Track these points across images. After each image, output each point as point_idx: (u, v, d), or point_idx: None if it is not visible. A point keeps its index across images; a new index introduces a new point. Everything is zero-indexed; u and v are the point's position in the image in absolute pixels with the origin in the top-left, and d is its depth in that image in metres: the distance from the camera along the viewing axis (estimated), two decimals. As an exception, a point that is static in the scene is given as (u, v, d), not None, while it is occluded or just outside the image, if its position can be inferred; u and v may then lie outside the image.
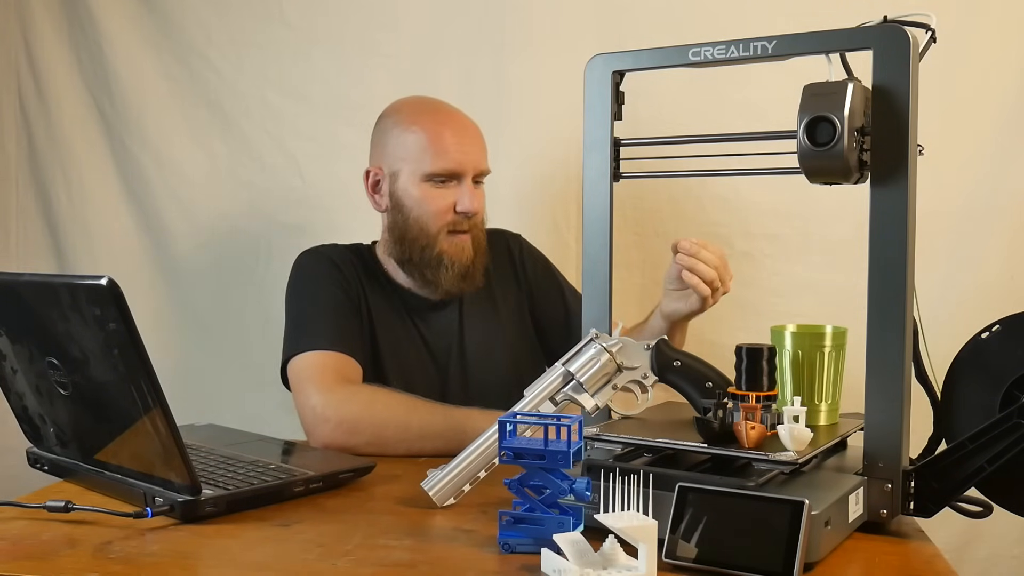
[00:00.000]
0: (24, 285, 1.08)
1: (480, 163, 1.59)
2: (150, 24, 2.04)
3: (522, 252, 1.74)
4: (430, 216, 1.56)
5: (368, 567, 0.90)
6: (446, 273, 1.57)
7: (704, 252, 1.40)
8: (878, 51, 0.96)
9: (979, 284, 1.71)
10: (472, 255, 1.59)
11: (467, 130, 1.59)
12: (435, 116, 1.59)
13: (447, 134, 1.56)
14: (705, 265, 1.39)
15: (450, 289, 1.59)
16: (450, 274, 1.57)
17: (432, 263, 1.57)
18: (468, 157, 1.56)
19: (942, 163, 1.59)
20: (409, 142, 1.57)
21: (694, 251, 1.39)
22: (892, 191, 0.96)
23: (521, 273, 1.72)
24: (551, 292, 1.72)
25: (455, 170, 1.55)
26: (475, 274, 1.60)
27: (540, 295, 1.72)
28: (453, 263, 1.57)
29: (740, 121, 1.31)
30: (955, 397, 1.03)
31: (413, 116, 1.59)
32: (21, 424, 1.26)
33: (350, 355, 1.49)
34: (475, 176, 1.58)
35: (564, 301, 1.71)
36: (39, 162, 2.10)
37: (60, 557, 0.93)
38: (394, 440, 1.36)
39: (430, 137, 1.56)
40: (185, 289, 2.06)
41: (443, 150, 1.55)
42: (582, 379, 1.07)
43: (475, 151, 1.58)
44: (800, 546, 0.83)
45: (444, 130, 1.57)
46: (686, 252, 1.40)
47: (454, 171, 1.55)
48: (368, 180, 1.63)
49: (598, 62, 1.15)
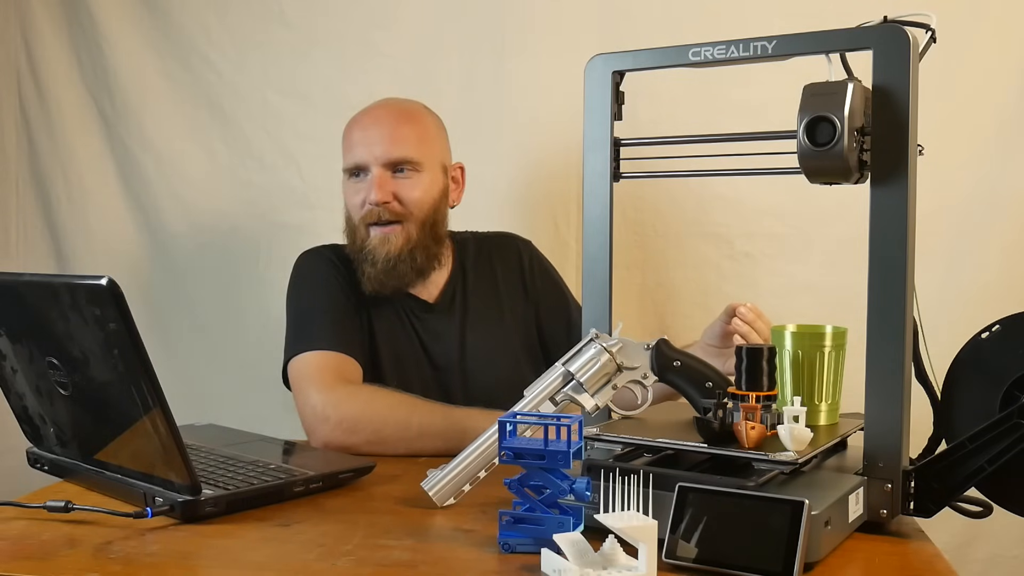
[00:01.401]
0: (24, 285, 1.08)
1: (390, 151, 1.55)
2: (150, 24, 2.04)
3: (532, 261, 1.71)
4: (350, 210, 1.60)
5: (368, 567, 0.90)
6: (370, 268, 1.55)
7: (760, 323, 1.37)
8: (878, 51, 0.96)
9: (979, 284, 1.71)
10: (397, 248, 1.55)
11: (378, 120, 1.58)
12: (359, 114, 1.62)
13: (355, 129, 1.59)
14: (759, 336, 1.36)
15: (377, 286, 1.55)
16: (374, 269, 1.55)
17: (360, 257, 1.57)
18: (371, 147, 1.55)
19: (942, 163, 1.59)
20: (343, 142, 1.62)
21: (752, 319, 1.37)
22: (892, 191, 0.96)
23: (530, 283, 1.69)
24: (557, 307, 1.69)
25: (358, 163, 1.57)
26: (401, 272, 1.56)
27: (545, 309, 1.69)
28: (376, 258, 1.55)
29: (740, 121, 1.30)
30: (955, 397, 1.03)
31: (351, 118, 1.63)
32: (21, 424, 1.26)
33: (350, 355, 1.49)
34: (388, 166, 1.55)
35: (568, 317, 1.67)
36: (39, 162, 2.10)
37: (60, 557, 0.93)
38: (394, 439, 1.36)
39: (346, 133, 1.61)
40: (185, 289, 2.07)
41: (349, 145, 1.59)
42: (582, 379, 1.07)
43: (383, 140, 1.56)
44: (800, 546, 0.83)
45: (354, 126, 1.60)
46: (744, 319, 1.37)
47: (357, 164, 1.57)
48: None
49: (598, 62, 1.15)
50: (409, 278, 1.58)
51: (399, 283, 1.57)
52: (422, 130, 1.60)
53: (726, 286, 1.84)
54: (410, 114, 1.61)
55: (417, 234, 1.57)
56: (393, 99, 1.64)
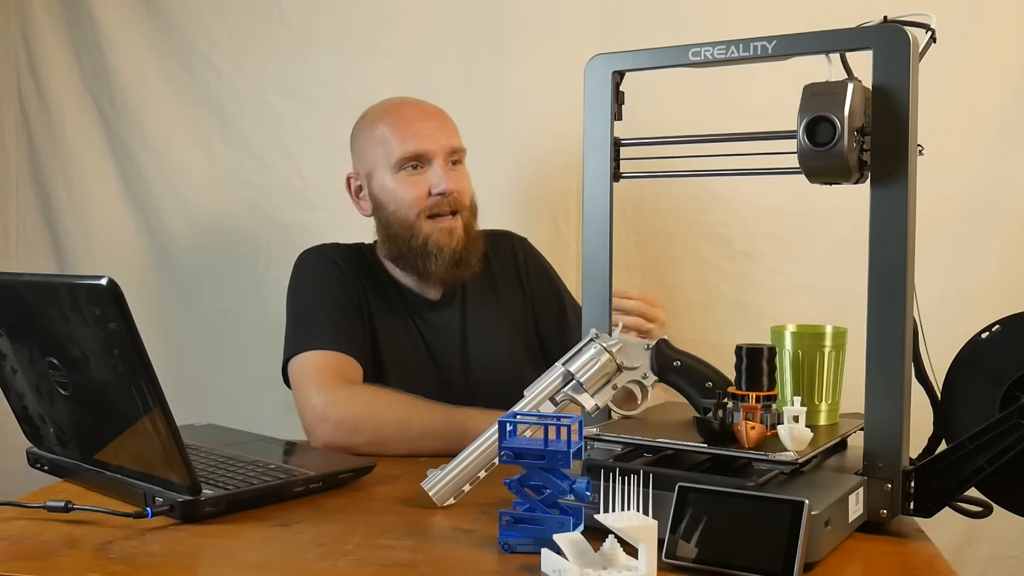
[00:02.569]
0: (24, 285, 1.08)
1: (449, 141, 1.57)
2: (150, 24, 2.04)
3: (527, 257, 1.72)
4: (407, 204, 1.55)
5: (368, 567, 0.90)
6: (436, 261, 1.54)
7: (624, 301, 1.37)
8: (878, 51, 0.96)
9: (979, 284, 1.71)
10: (463, 239, 1.55)
11: (429, 114, 1.58)
12: (396, 109, 1.60)
13: (408, 120, 1.57)
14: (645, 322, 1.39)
15: (445, 278, 1.56)
16: (440, 261, 1.54)
17: (420, 253, 1.55)
18: (433, 136, 1.55)
19: (942, 163, 1.59)
20: (376, 139, 1.58)
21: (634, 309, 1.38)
22: (892, 191, 0.96)
23: (525, 279, 1.70)
24: (552, 303, 1.70)
25: (422, 151, 1.54)
26: (469, 260, 1.56)
27: (541, 304, 1.70)
28: (441, 249, 1.54)
29: (740, 121, 1.31)
30: (955, 397, 1.03)
31: (377, 115, 1.61)
32: (21, 424, 1.26)
33: (350, 355, 1.49)
34: (449, 156, 1.56)
35: (563, 314, 1.69)
36: (39, 162, 2.10)
37: (60, 557, 0.93)
38: (394, 440, 1.36)
39: (393, 127, 1.57)
40: (185, 289, 2.06)
41: (407, 135, 1.55)
42: (582, 379, 1.07)
43: (440, 131, 1.56)
44: (800, 546, 0.83)
45: (405, 117, 1.58)
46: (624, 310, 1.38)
47: (421, 152, 1.54)
48: (351, 188, 1.64)
49: (598, 62, 1.15)
50: (472, 268, 1.58)
51: (465, 273, 1.57)
52: (454, 122, 1.62)
53: (726, 286, 1.84)
54: (440, 109, 1.62)
55: (472, 223, 1.59)
56: (409, 97, 1.65)
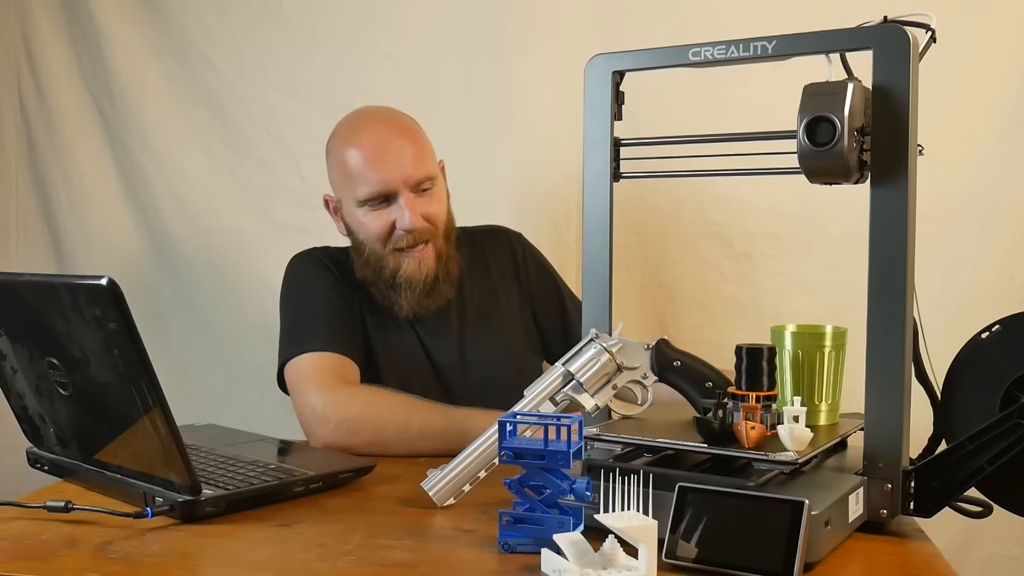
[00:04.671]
0: (24, 285, 1.08)
1: (415, 172, 1.51)
2: (150, 24, 2.04)
3: (524, 253, 1.73)
4: (373, 240, 1.53)
5: (368, 567, 0.90)
6: (405, 294, 1.53)
7: None
8: (878, 51, 0.96)
9: (979, 284, 1.71)
10: (434, 268, 1.54)
11: (387, 146, 1.51)
12: (360, 136, 1.54)
13: (371, 152, 1.51)
14: None
15: (413, 311, 1.55)
16: (410, 295, 1.53)
17: (390, 285, 1.54)
18: (397, 169, 1.50)
19: (942, 163, 1.59)
20: (339, 170, 1.56)
21: None
22: (892, 191, 0.96)
23: (524, 274, 1.71)
24: (551, 297, 1.71)
25: (383, 190, 1.51)
26: (442, 288, 1.56)
27: (540, 299, 1.70)
28: (410, 282, 1.53)
29: (740, 121, 1.30)
30: (955, 397, 1.03)
31: (340, 141, 1.56)
32: (21, 424, 1.26)
33: (347, 355, 1.48)
34: (415, 187, 1.52)
35: (563, 307, 1.69)
36: (39, 162, 2.10)
37: (60, 557, 0.93)
38: (394, 440, 1.36)
39: (356, 161, 1.52)
40: (185, 289, 2.06)
41: (367, 172, 1.51)
42: (582, 379, 1.07)
43: (405, 161, 1.51)
44: (800, 546, 0.83)
45: (369, 148, 1.52)
46: None
47: (382, 192, 1.51)
48: (329, 207, 1.64)
49: (598, 62, 1.15)
50: (447, 291, 1.57)
51: (438, 302, 1.57)
52: (422, 140, 1.57)
53: (726, 286, 1.84)
54: (407, 128, 1.56)
55: (444, 247, 1.57)
56: (376, 113, 1.59)
